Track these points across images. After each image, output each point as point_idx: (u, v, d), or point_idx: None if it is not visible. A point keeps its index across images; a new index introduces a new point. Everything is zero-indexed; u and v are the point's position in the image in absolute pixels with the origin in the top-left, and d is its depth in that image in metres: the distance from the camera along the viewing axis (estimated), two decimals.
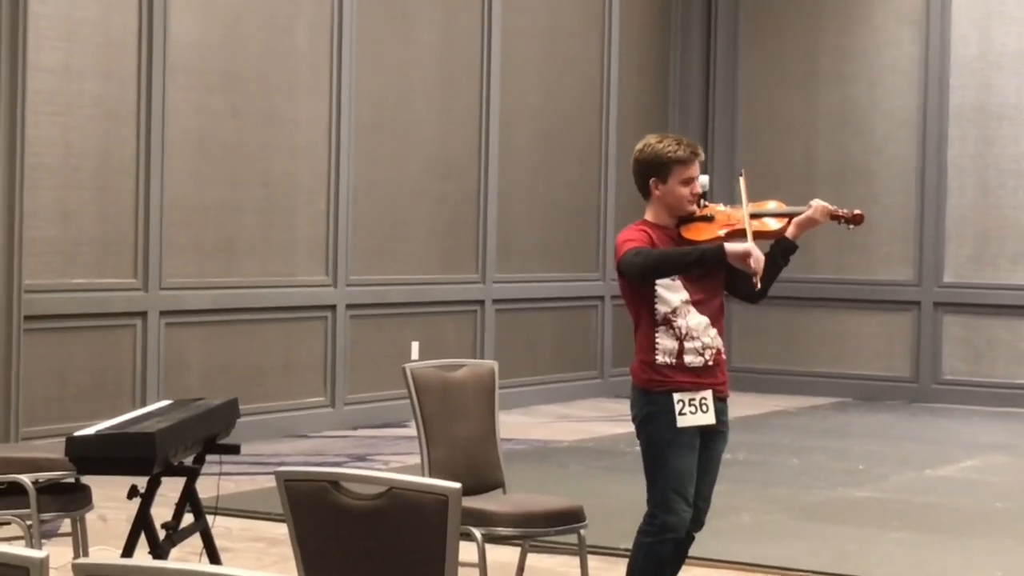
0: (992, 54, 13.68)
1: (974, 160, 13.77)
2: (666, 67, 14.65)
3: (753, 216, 5.39)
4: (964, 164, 13.80)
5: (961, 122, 13.80)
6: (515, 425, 11.47)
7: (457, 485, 3.46)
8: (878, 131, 14.15)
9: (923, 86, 13.93)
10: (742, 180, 5.55)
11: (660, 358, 5.29)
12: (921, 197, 13.95)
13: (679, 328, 5.28)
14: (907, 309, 14.02)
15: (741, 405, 12.70)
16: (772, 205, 5.52)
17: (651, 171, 5.37)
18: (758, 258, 5.18)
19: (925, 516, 8.54)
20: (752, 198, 5.44)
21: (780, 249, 5.40)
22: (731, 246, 5.22)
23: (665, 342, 5.29)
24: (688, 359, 5.29)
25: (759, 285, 5.26)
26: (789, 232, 5.41)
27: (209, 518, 5.59)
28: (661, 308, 5.30)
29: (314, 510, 3.61)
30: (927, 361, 13.92)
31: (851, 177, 14.11)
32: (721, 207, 5.47)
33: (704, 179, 6.10)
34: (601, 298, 13.85)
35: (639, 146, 5.46)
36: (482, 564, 5.56)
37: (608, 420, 12.21)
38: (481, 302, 12.64)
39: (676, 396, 5.28)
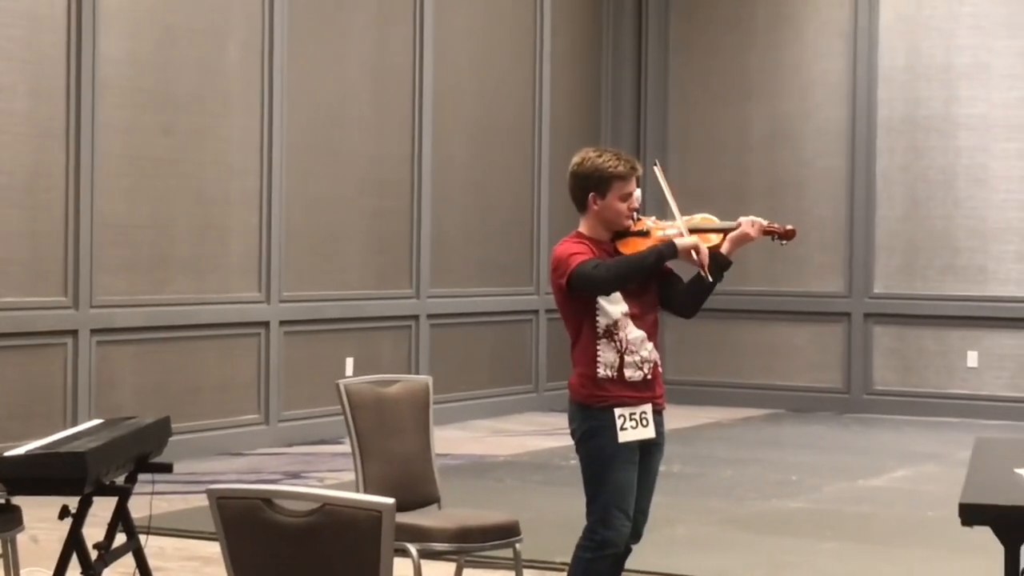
0: (920, 66, 13.82)
1: (903, 172, 13.91)
2: (598, 83, 14.71)
3: (689, 232, 5.42)
4: (893, 176, 13.94)
5: (890, 134, 13.94)
6: (450, 440, 11.46)
7: (391, 500, 3.45)
8: (808, 144, 14.27)
9: (852, 99, 14.07)
10: (657, 169, 5.59)
11: (601, 371, 5.30)
12: (851, 209, 14.07)
13: (620, 341, 5.30)
14: (838, 320, 14.13)
15: (675, 417, 12.72)
16: (699, 218, 5.55)
17: (590, 185, 5.37)
18: (703, 251, 5.23)
19: (858, 526, 8.61)
20: (684, 212, 5.46)
21: (714, 266, 5.43)
22: (681, 241, 5.25)
23: (607, 355, 5.31)
24: (628, 373, 5.31)
25: (710, 277, 5.29)
26: (723, 248, 5.43)
27: (142, 538, 5.55)
28: (603, 320, 5.31)
29: (247, 528, 3.59)
30: (858, 372, 14.03)
31: (783, 190, 14.22)
32: (655, 221, 5.50)
33: (637, 193, 6.13)
34: (536, 312, 13.87)
35: (577, 159, 5.45)
36: None
37: (543, 434, 12.22)
38: (416, 317, 12.63)
39: (617, 411, 5.29)
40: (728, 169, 14.48)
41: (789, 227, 5.55)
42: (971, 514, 4.41)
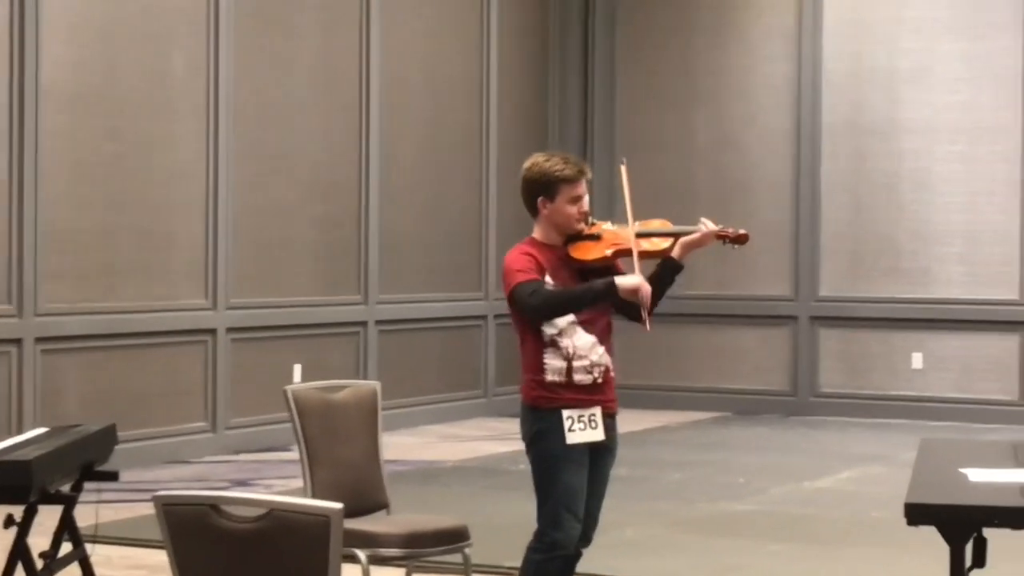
0: (863, 71, 13.92)
1: (847, 176, 14.00)
2: (545, 87, 14.73)
3: (640, 235, 5.44)
4: (837, 179, 14.03)
5: (834, 138, 14.03)
6: (400, 446, 11.44)
7: (339, 505, 3.45)
8: (754, 148, 14.34)
9: (796, 103, 14.15)
10: (623, 169, 5.61)
11: (549, 376, 5.33)
12: (796, 213, 14.15)
13: (566, 348, 5.32)
14: (784, 323, 14.21)
15: (623, 421, 12.70)
16: (657, 223, 5.57)
17: (539, 190, 5.40)
18: (646, 293, 5.24)
19: (805, 528, 8.66)
20: (636, 216, 5.47)
21: (667, 269, 5.44)
22: (621, 281, 5.26)
23: (553, 362, 5.33)
24: (577, 377, 5.33)
25: (648, 325, 5.31)
26: (675, 252, 5.45)
27: (88, 547, 5.52)
28: (548, 330, 5.33)
29: (194, 535, 3.58)
30: (804, 374, 14.11)
31: (729, 195, 14.28)
32: (608, 226, 5.51)
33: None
34: (484, 317, 13.87)
35: (527, 165, 5.48)
36: None
37: (493, 439, 12.22)
38: (364, 323, 12.61)
39: (565, 413, 5.31)
40: (674, 173, 14.53)
41: (742, 231, 5.58)
42: (916, 514, 4.44)
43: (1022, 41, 13.32)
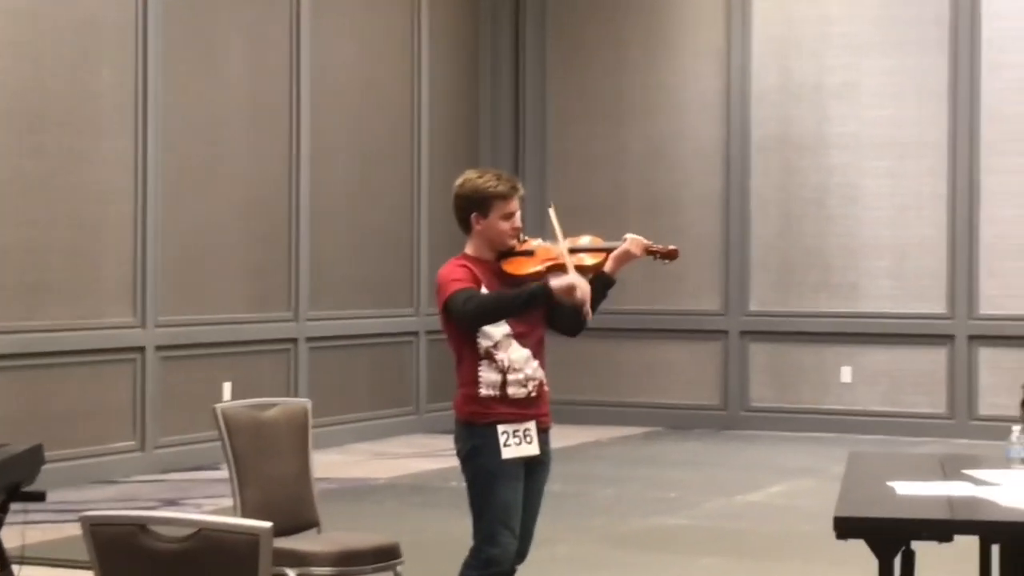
0: (792, 86, 14.03)
1: (777, 191, 14.09)
2: (476, 103, 14.74)
3: (572, 251, 5.46)
4: (767, 195, 14.12)
5: (764, 153, 14.13)
6: (331, 464, 11.39)
7: (268, 524, 3.42)
8: (685, 163, 14.41)
9: (726, 118, 14.23)
10: (552, 212, 5.63)
11: (484, 391, 5.33)
12: (727, 228, 14.23)
13: (501, 361, 5.33)
14: (715, 338, 14.28)
15: (556, 436, 12.71)
16: (586, 239, 5.60)
17: (472, 206, 5.41)
18: (584, 289, 5.26)
19: (736, 541, 8.69)
20: (565, 232, 5.50)
21: (598, 284, 5.47)
22: (556, 282, 5.28)
23: (488, 375, 5.33)
24: (511, 391, 5.34)
25: (590, 315, 5.33)
26: (607, 267, 5.49)
27: (15, 568, 5.45)
28: (483, 342, 5.33)
29: (122, 555, 3.54)
30: (735, 389, 14.18)
31: (660, 209, 14.34)
32: (540, 242, 5.54)
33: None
34: (416, 334, 13.84)
35: (459, 181, 5.50)
36: None
37: (425, 456, 12.19)
38: (295, 340, 12.55)
39: (500, 428, 5.31)
40: (605, 188, 14.57)
41: (672, 247, 5.63)
42: (845, 527, 4.48)
43: (948, 58, 13.47)
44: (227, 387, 11.73)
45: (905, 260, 13.63)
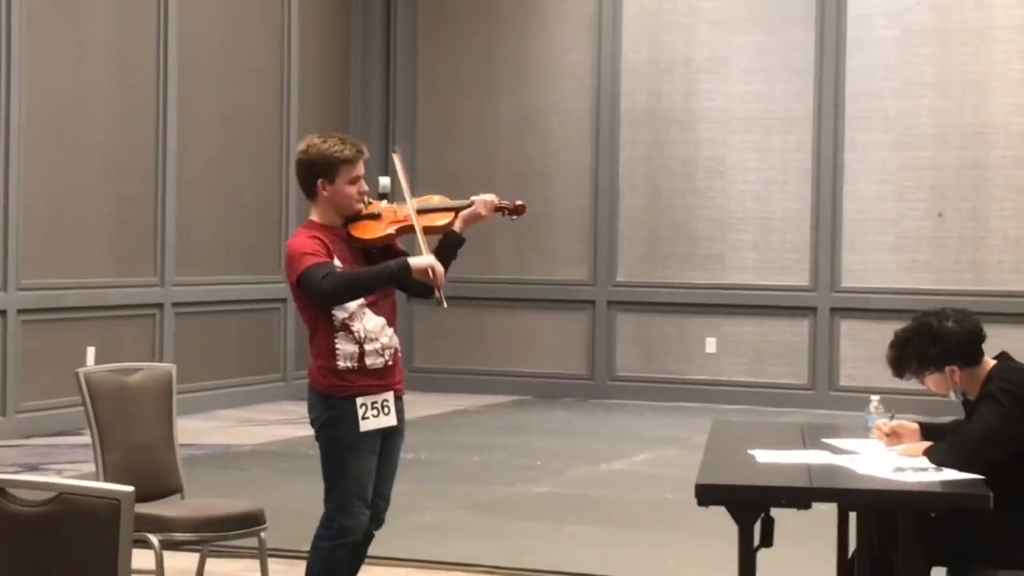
0: (662, 60, 14.13)
1: (645, 163, 14.21)
2: (347, 72, 14.66)
3: (420, 212, 5.45)
4: (635, 167, 14.23)
5: (633, 126, 14.23)
6: (196, 430, 11.31)
7: (129, 489, 3.40)
8: (555, 135, 14.47)
9: (596, 91, 14.31)
10: (396, 157, 5.62)
11: (342, 363, 5.30)
12: (595, 199, 14.32)
13: (358, 332, 5.30)
14: (583, 308, 14.38)
15: (422, 405, 12.81)
16: (436, 199, 5.59)
17: (318, 171, 5.37)
18: (440, 272, 5.25)
19: (601, 509, 8.78)
20: (413, 189, 5.49)
21: (449, 243, 5.47)
22: (415, 261, 5.27)
23: (345, 347, 5.30)
24: (369, 361, 5.32)
25: (443, 301, 5.32)
26: (456, 226, 5.48)
27: None
28: (339, 314, 5.30)
29: None
30: (602, 358, 14.30)
31: (529, 180, 14.38)
32: (385, 204, 5.51)
33: (385, 180, 6.13)
34: (284, 300, 13.75)
35: (302, 147, 5.45)
36: (159, 570, 5.49)
37: (291, 423, 12.14)
38: (160, 305, 12.42)
39: (359, 400, 5.29)
40: (476, 159, 14.59)
41: (519, 202, 5.63)
42: (706, 494, 4.55)
43: (815, 35, 13.65)
44: (91, 352, 11.57)
45: (769, 233, 13.82)
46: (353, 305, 5.30)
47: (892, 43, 13.44)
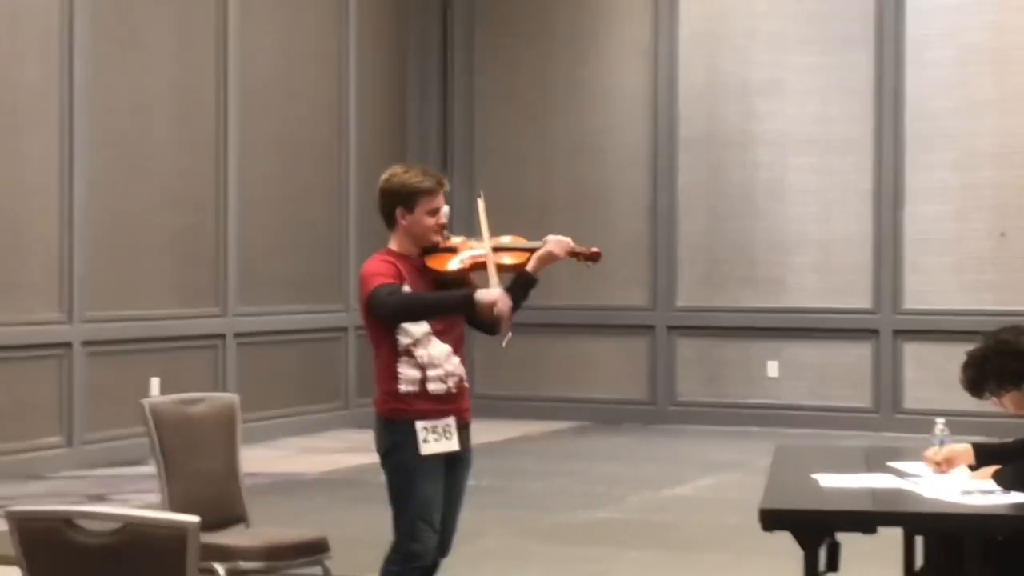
0: (718, 83, 14.11)
1: (703, 187, 14.17)
2: (404, 99, 14.72)
3: (497, 250, 5.47)
4: (694, 190, 14.20)
5: (690, 149, 14.20)
6: (259, 459, 11.35)
7: (195, 519, 3.42)
8: (611, 159, 14.46)
9: (653, 114, 14.29)
10: (480, 202, 5.64)
11: (403, 387, 5.34)
12: (654, 223, 14.30)
13: (421, 358, 5.33)
14: (643, 333, 14.34)
15: (484, 432, 12.75)
16: (507, 239, 5.61)
17: (398, 201, 5.42)
18: (503, 310, 5.25)
19: (663, 534, 8.74)
20: (491, 225, 5.51)
21: (521, 284, 5.47)
22: (480, 295, 5.28)
23: (408, 371, 5.34)
24: (431, 387, 5.35)
25: (504, 342, 5.33)
26: (529, 266, 5.48)
27: None
28: (403, 339, 5.34)
29: (48, 550, 3.52)
30: (663, 383, 14.25)
31: (587, 205, 14.38)
32: (463, 239, 5.55)
33: (445, 210, 6.16)
34: (345, 329, 13.82)
35: (385, 176, 5.50)
36: None
37: (353, 451, 12.16)
38: (222, 336, 12.49)
39: (419, 424, 5.32)
40: (533, 184, 14.60)
41: (595, 249, 5.63)
42: (771, 519, 4.53)
43: (873, 55, 13.60)
44: (155, 382, 11.66)
45: (830, 255, 13.75)
46: (418, 332, 5.33)
47: (951, 63, 13.36)
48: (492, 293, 5.28)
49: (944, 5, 13.46)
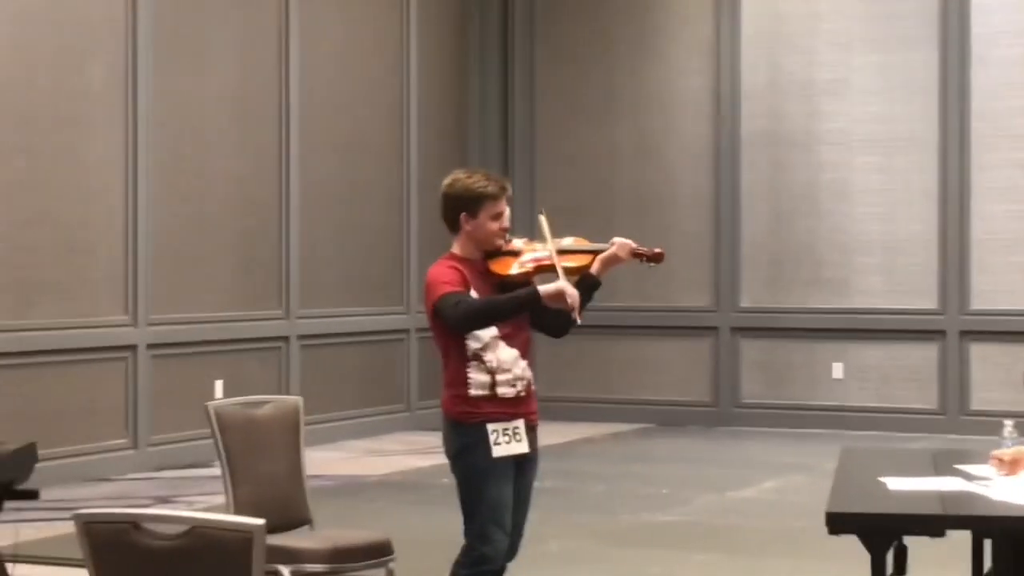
0: (781, 81, 14.04)
1: (766, 186, 14.10)
2: (466, 99, 14.74)
3: (560, 252, 5.48)
4: (757, 190, 14.13)
5: (753, 149, 14.13)
6: (323, 461, 11.39)
7: (261, 521, 3.43)
8: (674, 160, 14.42)
9: (715, 114, 14.24)
10: (543, 218, 5.63)
11: (473, 391, 5.35)
12: (717, 224, 14.24)
13: (490, 363, 5.35)
14: (706, 334, 14.28)
15: (547, 434, 12.73)
16: (569, 240, 5.62)
17: (461, 205, 5.44)
18: (572, 294, 5.29)
19: (728, 537, 8.70)
20: (552, 232, 5.52)
21: (585, 286, 5.49)
22: (544, 288, 5.31)
23: (477, 376, 5.36)
24: (501, 391, 5.36)
25: (579, 319, 5.35)
26: (594, 269, 5.53)
27: (9, 566, 5.45)
28: (472, 344, 5.35)
29: (115, 553, 3.54)
30: (726, 385, 14.19)
31: (649, 206, 14.35)
32: (526, 242, 5.56)
33: (507, 214, 6.17)
34: (407, 331, 13.84)
35: (448, 181, 5.52)
36: None
37: (416, 453, 12.20)
38: (286, 338, 12.54)
39: (490, 427, 5.33)
40: (594, 186, 14.58)
41: (658, 250, 5.63)
42: (837, 523, 4.49)
43: (937, 54, 13.49)
44: (219, 385, 11.73)
45: (896, 256, 13.64)
46: (487, 336, 5.34)
47: (1017, 61, 13.23)
48: (554, 284, 5.30)
49: (1009, 3, 13.33)
